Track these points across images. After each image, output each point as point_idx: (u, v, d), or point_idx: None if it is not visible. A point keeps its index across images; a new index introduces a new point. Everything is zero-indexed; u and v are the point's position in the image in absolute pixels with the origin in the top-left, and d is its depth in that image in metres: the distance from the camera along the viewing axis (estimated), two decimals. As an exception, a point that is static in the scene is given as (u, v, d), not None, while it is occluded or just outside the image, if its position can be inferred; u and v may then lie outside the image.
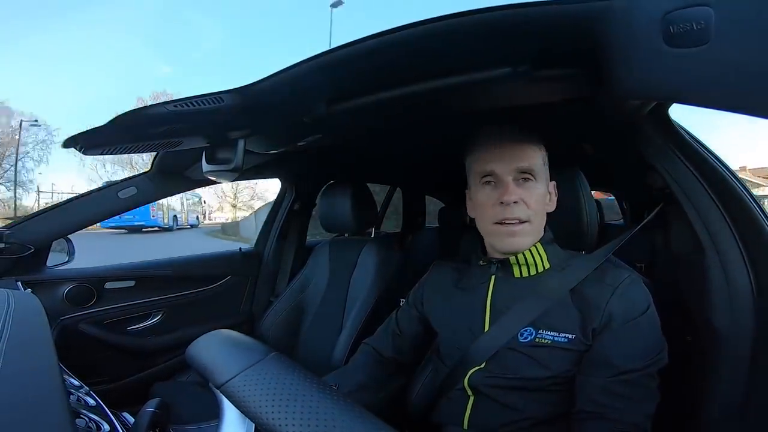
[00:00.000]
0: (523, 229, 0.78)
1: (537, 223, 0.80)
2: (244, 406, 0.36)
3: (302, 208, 1.83)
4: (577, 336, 0.73)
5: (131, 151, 0.87)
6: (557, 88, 0.68)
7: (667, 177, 0.85)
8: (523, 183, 0.79)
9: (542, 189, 0.80)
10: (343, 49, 0.59)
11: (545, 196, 0.81)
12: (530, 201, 0.78)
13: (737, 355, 0.77)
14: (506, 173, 0.78)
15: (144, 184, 1.33)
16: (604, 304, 0.72)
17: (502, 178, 0.78)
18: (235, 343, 0.45)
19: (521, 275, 0.82)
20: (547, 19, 0.51)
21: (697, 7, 0.38)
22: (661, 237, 1.14)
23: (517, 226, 0.78)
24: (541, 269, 0.82)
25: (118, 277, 1.40)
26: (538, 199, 0.79)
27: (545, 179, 0.81)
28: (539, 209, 0.79)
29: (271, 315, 1.58)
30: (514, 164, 0.78)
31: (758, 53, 0.36)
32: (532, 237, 0.80)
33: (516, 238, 0.79)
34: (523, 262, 0.82)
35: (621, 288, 0.74)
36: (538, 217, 0.80)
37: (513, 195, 0.77)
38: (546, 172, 0.82)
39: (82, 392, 0.55)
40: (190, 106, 0.71)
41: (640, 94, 0.62)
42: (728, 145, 30.60)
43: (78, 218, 1.26)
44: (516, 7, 0.49)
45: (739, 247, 0.78)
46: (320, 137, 0.99)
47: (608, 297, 0.73)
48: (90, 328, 1.29)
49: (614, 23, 0.47)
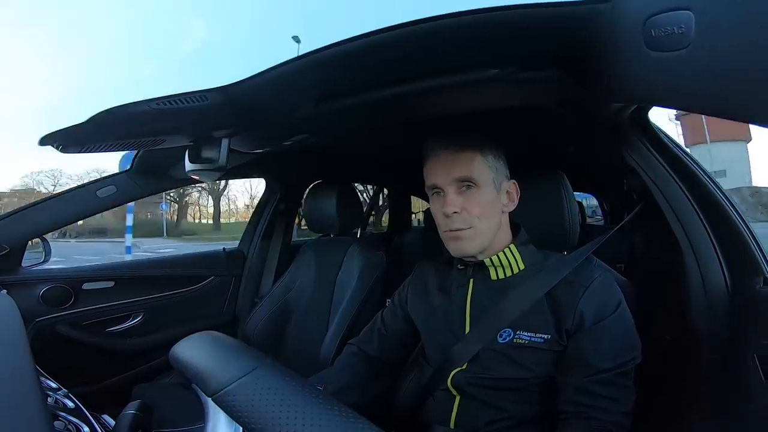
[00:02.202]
0: (468, 234, 0.79)
1: (485, 227, 0.80)
2: (240, 416, 0.36)
3: (288, 208, 1.81)
4: (552, 336, 0.75)
5: (112, 150, 0.84)
6: (542, 90, 0.69)
7: (646, 179, 0.87)
8: (465, 191, 0.79)
9: (488, 194, 0.80)
10: (331, 49, 0.59)
11: (494, 200, 0.81)
12: (472, 208, 0.78)
13: (713, 353, 0.79)
14: (446, 184, 0.79)
15: (124, 183, 1.30)
16: (576, 305, 0.74)
17: (443, 189, 0.80)
18: (226, 348, 0.44)
19: (497, 277, 0.84)
20: (534, 21, 0.51)
21: (678, 12, 0.39)
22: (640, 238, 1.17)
23: (461, 232, 0.79)
24: (516, 270, 0.83)
25: (97, 277, 1.37)
26: (482, 205, 0.79)
27: (492, 183, 0.81)
28: (485, 213, 0.79)
29: (255, 316, 1.56)
30: (452, 174, 0.79)
31: (737, 57, 0.37)
32: (480, 241, 0.80)
33: (460, 242, 0.80)
34: (497, 263, 0.83)
35: (591, 288, 0.75)
36: (486, 221, 0.80)
37: (452, 205, 0.78)
38: (495, 174, 0.81)
39: (60, 394, 0.53)
40: (174, 104, 0.69)
41: (621, 97, 0.63)
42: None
43: (55, 217, 1.23)
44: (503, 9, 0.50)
45: (714, 248, 0.81)
46: (307, 137, 0.98)
47: (579, 297, 0.75)
48: (67, 329, 1.26)
49: (598, 27, 0.48)
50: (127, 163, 1.31)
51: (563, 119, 0.94)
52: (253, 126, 0.87)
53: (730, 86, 0.39)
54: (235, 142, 0.90)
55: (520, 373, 0.76)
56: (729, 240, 0.80)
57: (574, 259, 0.81)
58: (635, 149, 0.88)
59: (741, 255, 0.79)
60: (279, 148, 1.06)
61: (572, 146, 1.15)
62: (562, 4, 0.49)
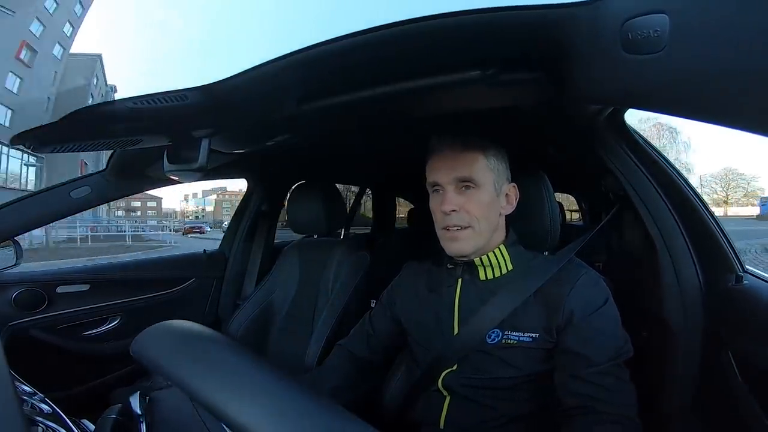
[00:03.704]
0: (465, 234, 0.80)
1: (482, 227, 0.81)
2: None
3: (270, 208, 1.79)
4: (540, 334, 0.76)
5: (87, 149, 0.82)
6: (522, 91, 0.70)
7: (622, 179, 0.90)
8: (465, 191, 0.80)
9: (487, 195, 0.81)
10: (314, 49, 0.59)
11: (492, 201, 0.82)
12: (471, 208, 0.79)
13: (689, 350, 0.81)
14: (446, 182, 0.81)
15: (99, 184, 1.26)
16: (564, 301, 0.75)
17: (443, 187, 0.81)
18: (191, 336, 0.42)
19: (486, 277, 0.84)
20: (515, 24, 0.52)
21: (654, 15, 0.40)
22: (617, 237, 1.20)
23: (458, 232, 0.80)
24: (505, 270, 0.84)
25: (71, 280, 1.33)
26: (481, 206, 0.80)
27: (492, 184, 0.82)
28: (483, 214, 0.80)
29: (238, 318, 1.54)
30: (453, 174, 0.80)
31: (710, 60, 0.38)
32: (476, 241, 0.81)
33: (457, 242, 0.81)
34: (487, 263, 0.84)
35: (578, 285, 0.77)
36: (484, 222, 0.81)
37: (450, 204, 0.79)
38: (495, 176, 0.82)
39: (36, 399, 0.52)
40: (152, 104, 0.68)
41: (598, 99, 0.64)
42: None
43: (26, 218, 1.18)
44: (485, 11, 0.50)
45: (688, 247, 0.83)
46: (289, 137, 0.97)
47: (566, 294, 0.76)
48: (42, 333, 1.22)
49: (577, 30, 0.49)
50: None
51: (543, 120, 0.96)
52: (234, 126, 0.86)
53: (704, 89, 0.40)
54: (215, 142, 0.89)
55: (510, 373, 0.77)
56: (702, 239, 0.83)
57: (560, 259, 0.83)
58: (612, 151, 0.90)
59: (714, 253, 0.81)
60: (261, 148, 1.05)
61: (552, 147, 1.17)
62: (543, 7, 0.50)
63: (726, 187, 32.45)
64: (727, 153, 37.33)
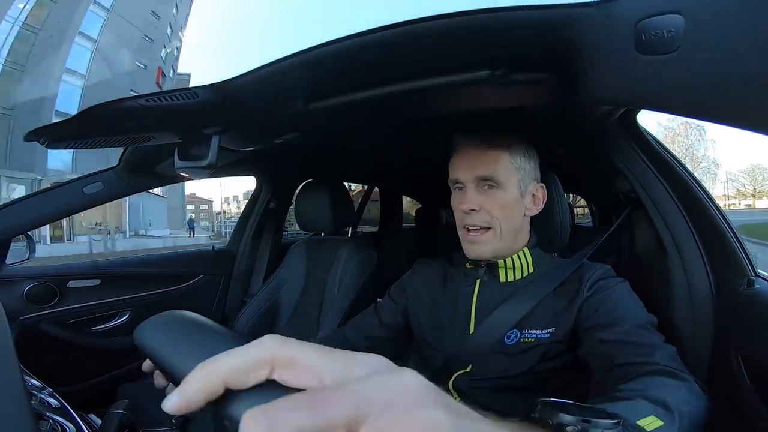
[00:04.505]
0: (485, 238, 0.79)
1: (504, 230, 0.79)
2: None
3: (278, 206, 1.80)
4: (557, 328, 0.75)
5: (100, 146, 0.83)
6: (532, 91, 0.70)
7: (634, 181, 0.89)
8: (487, 190, 0.79)
9: (509, 195, 0.79)
10: (322, 48, 0.59)
11: (515, 201, 0.80)
12: (492, 208, 0.78)
13: (698, 354, 0.80)
14: (468, 181, 0.79)
15: (111, 180, 1.28)
16: (581, 293, 0.75)
17: (464, 185, 0.80)
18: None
19: (506, 279, 0.83)
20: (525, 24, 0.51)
21: (668, 15, 0.39)
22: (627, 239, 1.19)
23: (478, 235, 0.79)
24: (526, 273, 0.83)
25: (82, 275, 1.35)
26: (503, 206, 0.78)
27: (516, 184, 0.80)
28: (505, 216, 0.79)
29: (244, 315, 1.55)
30: (474, 172, 0.79)
31: (724, 61, 0.37)
32: (495, 245, 0.80)
33: (476, 245, 0.80)
34: (510, 265, 0.82)
35: (593, 276, 0.77)
36: (505, 222, 0.79)
37: (470, 203, 0.78)
38: (521, 175, 0.81)
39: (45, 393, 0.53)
40: (163, 101, 0.69)
41: (610, 100, 0.64)
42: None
43: (39, 214, 1.20)
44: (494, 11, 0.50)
45: (699, 250, 0.82)
46: (297, 135, 0.98)
47: (585, 283, 0.75)
48: (52, 328, 1.24)
49: (589, 30, 0.48)
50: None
51: (554, 121, 0.95)
52: (243, 124, 0.87)
53: (718, 90, 0.39)
54: (225, 140, 0.89)
55: (525, 370, 0.75)
56: (714, 242, 0.82)
57: (577, 260, 0.82)
58: (623, 152, 0.89)
59: (726, 257, 0.80)
60: (270, 146, 1.06)
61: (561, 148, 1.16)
62: (553, 7, 0.49)
63: (753, 182, 32.85)
64: (754, 149, 38.17)
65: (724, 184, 33.02)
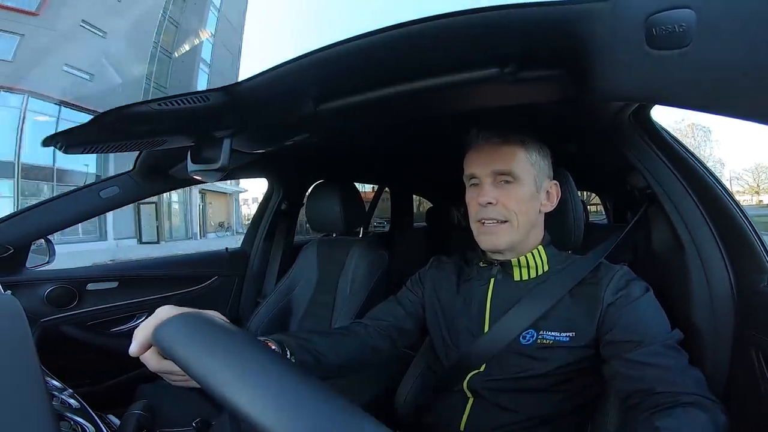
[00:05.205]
0: (502, 229, 0.79)
1: (520, 223, 0.79)
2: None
3: (290, 207, 1.82)
4: (578, 333, 0.74)
5: (114, 150, 0.85)
6: (542, 88, 0.69)
7: (649, 178, 0.87)
8: (504, 185, 0.79)
9: (525, 190, 0.79)
10: (331, 49, 0.59)
11: (532, 197, 0.80)
12: (508, 202, 0.78)
13: (717, 353, 0.78)
14: (484, 175, 0.79)
15: (127, 184, 1.30)
16: (601, 299, 0.73)
17: (481, 180, 0.80)
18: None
19: (521, 278, 0.82)
20: (533, 20, 0.51)
21: (679, 10, 0.39)
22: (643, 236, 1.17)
23: (495, 226, 0.79)
24: (541, 272, 0.82)
25: (101, 278, 1.38)
26: (519, 201, 0.78)
27: (532, 180, 0.80)
28: (522, 210, 0.78)
29: (258, 316, 1.57)
30: (491, 167, 0.79)
31: (737, 55, 0.37)
32: (512, 237, 0.79)
33: (493, 236, 0.79)
34: (524, 264, 0.82)
35: (615, 279, 0.75)
36: (523, 217, 0.79)
37: (487, 196, 0.78)
38: (536, 171, 0.80)
39: (65, 394, 0.54)
40: (175, 105, 0.70)
41: (622, 96, 0.63)
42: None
43: (58, 218, 1.23)
44: (503, 8, 0.49)
45: (719, 248, 0.80)
46: (308, 136, 0.98)
47: (605, 288, 0.74)
48: (72, 329, 1.27)
49: (599, 25, 0.48)
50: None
51: (565, 118, 0.94)
52: (254, 126, 0.88)
53: (730, 84, 0.39)
54: (236, 142, 0.90)
55: (541, 372, 0.74)
56: (733, 239, 0.80)
57: (594, 259, 0.81)
58: (637, 148, 0.87)
59: (745, 254, 0.78)
60: (280, 147, 1.06)
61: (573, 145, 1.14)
62: (562, 3, 0.49)
63: (757, 179, 32.81)
64: (757, 149, 38.28)
65: (728, 182, 33.31)
